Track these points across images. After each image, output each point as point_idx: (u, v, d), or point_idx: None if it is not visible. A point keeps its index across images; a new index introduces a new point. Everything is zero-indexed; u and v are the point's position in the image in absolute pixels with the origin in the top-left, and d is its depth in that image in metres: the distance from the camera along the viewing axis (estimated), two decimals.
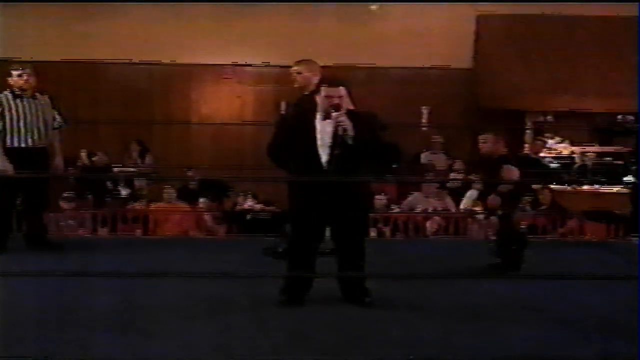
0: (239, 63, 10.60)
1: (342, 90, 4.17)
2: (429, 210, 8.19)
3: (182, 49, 10.21)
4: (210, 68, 10.62)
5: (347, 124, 4.05)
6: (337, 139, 4.06)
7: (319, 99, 4.19)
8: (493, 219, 5.27)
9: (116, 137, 10.36)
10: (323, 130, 4.10)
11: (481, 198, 5.30)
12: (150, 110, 10.58)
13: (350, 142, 4.03)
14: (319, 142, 4.09)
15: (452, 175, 9.19)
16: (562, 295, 4.41)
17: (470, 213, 7.79)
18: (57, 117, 5.71)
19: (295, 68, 5.25)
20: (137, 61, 10.34)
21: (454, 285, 4.64)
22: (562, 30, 10.53)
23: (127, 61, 10.34)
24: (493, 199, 5.19)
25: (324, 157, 4.08)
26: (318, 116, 4.15)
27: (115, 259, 5.35)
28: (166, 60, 10.28)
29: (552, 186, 8.81)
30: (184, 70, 10.58)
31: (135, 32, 10.31)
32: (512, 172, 5.23)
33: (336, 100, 4.10)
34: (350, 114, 4.14)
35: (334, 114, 4.06)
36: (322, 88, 4.19)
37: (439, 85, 10.70)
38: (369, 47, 10.20)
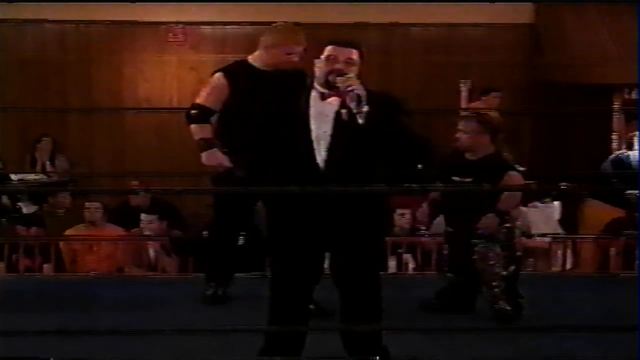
0: (192, 21, 10.65)
1: (353, 52, 4.12)
2: None
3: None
4: (151, 28, 10.64)
5: (360, 90, 3.95)
6: (342, 125, 3.98)
7: (317, 66, 4.13)
8: (496, 247, 5.34)
9: (14, 131, 10.39)
10: (321, 115, 4.05)
11: (451, 218, 5.44)
12: (64, 91, 10.60)
13: (361, 121, 3.92)
14: (313, 133, 4.04)
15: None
16: None
17: None
18: None
19: None
20: (44, 19, 10.37)
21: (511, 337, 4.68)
22: None
23: (29, 19, 10.36)
24: (489, 220, 5.24)
25: (321, 155, 4.04)
26: (314, 93, 4.11)
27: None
28: (84, 18, 10.34)
29: None
30: (111, 31, 10.61)
31: None
32: (516, 181, 5.30)
33: (339, 66, 4.04)
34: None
35: (339, 80, 3.98)
36: (326, 49, 4.11)
37: (484, 49, 10.76)
38: None
